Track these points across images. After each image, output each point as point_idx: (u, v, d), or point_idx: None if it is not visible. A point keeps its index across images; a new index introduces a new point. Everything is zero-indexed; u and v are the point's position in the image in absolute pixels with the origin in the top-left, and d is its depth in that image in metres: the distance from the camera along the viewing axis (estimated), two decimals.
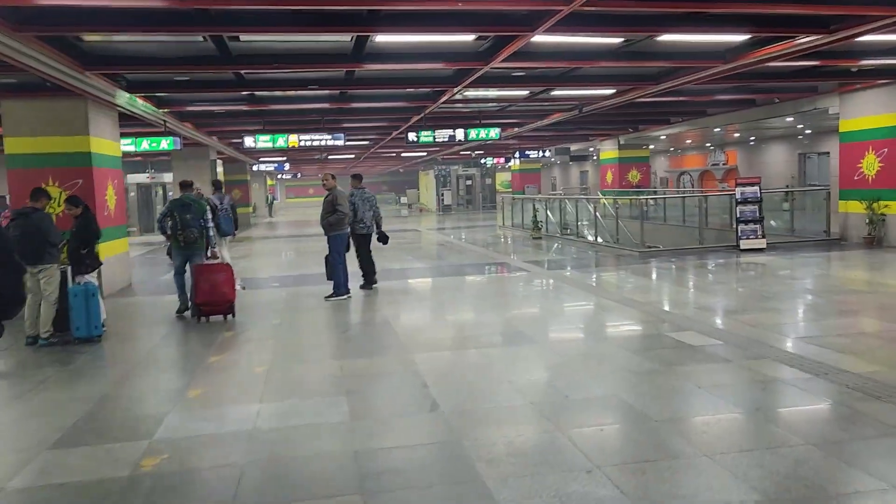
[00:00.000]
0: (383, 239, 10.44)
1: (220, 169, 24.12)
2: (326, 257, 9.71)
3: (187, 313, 8.69)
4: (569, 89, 13.47)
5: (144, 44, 8.57)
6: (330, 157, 31.82)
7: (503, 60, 9.42)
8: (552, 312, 8.58)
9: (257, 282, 12.07)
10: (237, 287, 8.77)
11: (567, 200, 19.98)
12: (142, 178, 28.58)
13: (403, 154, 32.75)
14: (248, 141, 15.24)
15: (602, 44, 9.65)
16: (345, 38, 8.61)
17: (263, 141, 15.26)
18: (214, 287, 8.22)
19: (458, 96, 13.85)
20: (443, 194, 38.43)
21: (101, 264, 8.22)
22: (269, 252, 18.57)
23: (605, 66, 10.92)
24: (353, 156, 31.86)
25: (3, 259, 2.89)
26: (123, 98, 12.16)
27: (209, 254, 8.80)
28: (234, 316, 8.39)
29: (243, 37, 8.27)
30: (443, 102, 13.72)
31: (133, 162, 28.22)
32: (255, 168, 31.07)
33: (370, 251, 10.34)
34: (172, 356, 6.89)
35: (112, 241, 11.55)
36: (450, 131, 16.20)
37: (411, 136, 16.03)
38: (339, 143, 15.55)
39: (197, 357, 6.81)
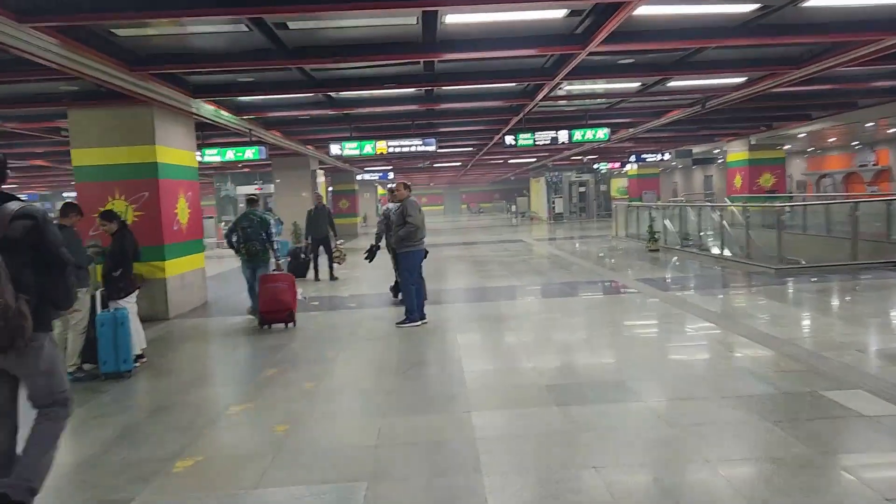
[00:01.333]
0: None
1: (320, 179, 23.63)
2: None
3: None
4: (688, 78, 11.52)
5: (188, 36, 7.62)
6: (435, 164, 30.85)
7: (605, 42, 7.80)
8: (665, 354, 6.81)
9: (335, 301, 10.98)
10: (299, 297, 9.03)
11: (688, 208, 17.79)
12: (251, 189, 28.73)
13: (511, 161, 31.27)
14: (335, 148, 14.32)
15: (729, 14, 7.76)
16: (409, 21, 7.28)
17: (350, 148, 14.30)
18: (275, 295, 8.55)
19: (559, 92, 12.27)
20: (554, 202, 36.59)
21: (139, 287, 7.31)
22: (363, 264, 17.63)
23: (734, 44, 8.95)
24: (458, 163, 30.70)
25: (51, 258, 3.25)
26: (208, 111, 11.54)
27: (274, 266, 9.24)
28: (294, 324, 8.70)
29: (291, 24, 7.13)
30: (542, 100, 12.17)
31: (242, 174, 28.49)
32: (358, 177, 30.53)
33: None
34: (190, 405, 5.78)
35: (184, 257, 10.84)
36: (552, 133, 14.57)
37: (509, 139, 14.56)
38: (431, 148, 14.34)
39: (215, 408, 5.66)
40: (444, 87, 11.27)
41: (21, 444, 3.40)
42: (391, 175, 30.60)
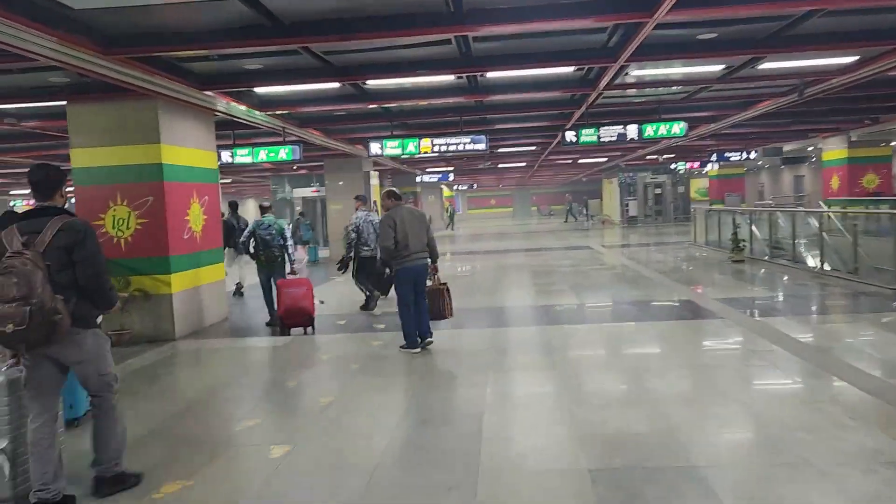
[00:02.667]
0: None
1: (374, 182, 22.42)
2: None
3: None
4: (784, 58, 9.56)
5: (164, 9, 6.34)
6: (499, 165, 29.24)
7: (676, 8, 6.10)
8: (751, 419, 5.03)
9: (360, 321, 9.56)
10: (316, 302, 8.88)
11: (779, 212, 15.59)
12: (307, 192, 27.86)
13: (581, 161, 29.33)
14: (375, 147, 12.98)
15: None
16: None
17: (392, 147, 12.92)
18: (295, 301, 8.47)
19: (626, 78, 10.52)
20: (627, 204, 34.35)
21: (107, 310, 6.06)
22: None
23: (849, 4, 7.03)
24: (524, 164, 28.99)
25: (88, 266, 3.74)
26: (237, 109, 10.41)
27: (289, 270, 9.26)
28: (314, 331, 8.60)
29: None
30: (607, 88, 10.45)
31: (300, 176, 27.66)
32: (417, 179, 29.25)
33: (382, 273, 9.65)
34: (144, 462, 4.45)
35: (197, 269, 9.69)
36: (619, 128, 12.78)
37: (569, 135, 12.86)
38: (481, 146, 12.79)
39: (156, 479, 4.30)
40: (487, 75, 9.72)
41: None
42: (451, 177, 29.17)
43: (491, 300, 10.77)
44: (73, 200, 9.58)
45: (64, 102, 9.00)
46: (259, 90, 10.15)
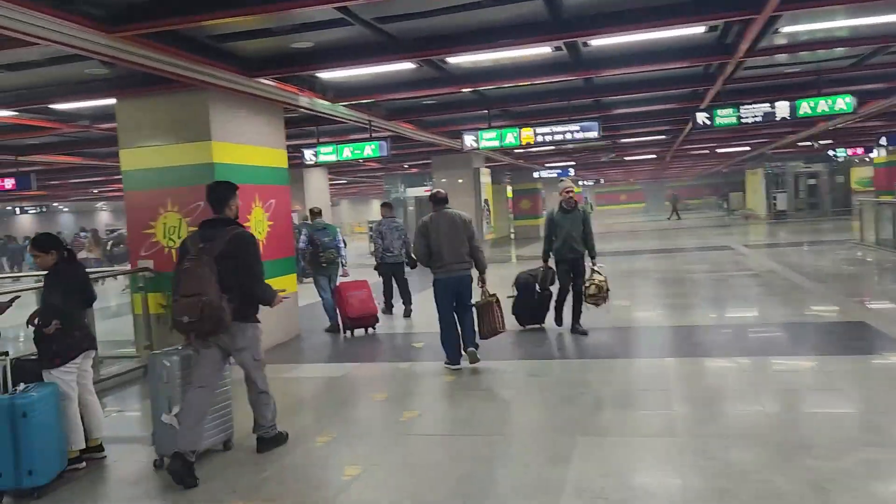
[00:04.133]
0: (412, 264, 9.88)
1: (485, 179, 20.83)
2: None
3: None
4: None
5: None
6: (626, 157, 26.77)
7: None
8: None
9: (401, 348, 8.02)
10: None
11: None
12: (419, 191, 26.77)
13: (719, 150, 26.25)
14: (469, 140, 11.39)
15: None
16: None
17: (488, 139, 11.28)
18: (363, 302, 8.97)
19: (775, 39, 8.31)
20: (775, 197, 30.66)
21: (85, 350, 4.87)
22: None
23: None
24: (653, 155, 26.35)
25: (249, 270, 4.50)
26: (312, 102, 9.28)
27: (342, 273, 9.53)
28: (374, 330, 9.03)
29: None
30: (748, 54, 8.28)
31: (413, 175, 26.64)
32: (535, 175, 27.35)
33: (405, 279, 10.15)
34: None
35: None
36: (765, 106, 10.42)
37: (701, 118, 10.65)
38: (593, 134, 10.88)
39: None
40: (592, 44, 7.88)
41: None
42: (572, 172, 27.00)
43: (599, 317, 8.89)
44: (235, 207, 8.74)
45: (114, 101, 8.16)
46: (322, 75, 8.84)
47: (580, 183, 44.67)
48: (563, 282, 7.95)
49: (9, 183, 13.27)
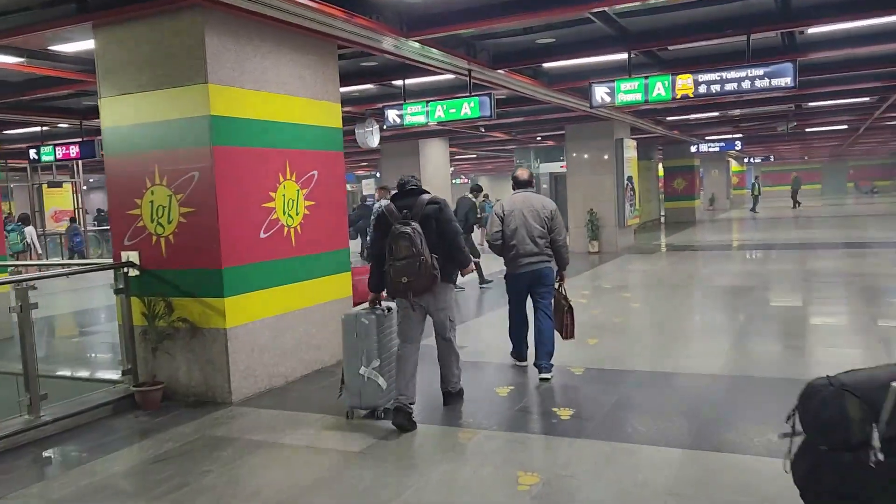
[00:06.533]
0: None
1: (630, 154, 17.32)
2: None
3: None
4: None
5: None
6: (808, 129, 21.99)
7: None
8: None
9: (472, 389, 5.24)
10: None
11: None
12: (555, 166, 23.51)
13: None
14: (599, 93, 8.22)
15: None
16: None
17: (627, 90, 8.09)
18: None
19: None
20: None
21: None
22: (651, 284, 11.19)
23: None
24: (844, 126, 21.45)
25: (448, 229, 4.79)
26: (408, 46, 6.69)
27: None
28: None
29: None
30: None
31: (548, 148, 23.43)
32: (693, 149, 23.22)
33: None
34: None
35: (288, 285, 6.12)
36: None
37: None
38: (785, 82, 7.41)
39: None
40: None
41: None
42: (738, 145, 22.58)
43: (747, 356, 5.54)
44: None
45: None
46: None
47: (745, 160, 39.16)
48: None
49: (73, 150, 11.80)
